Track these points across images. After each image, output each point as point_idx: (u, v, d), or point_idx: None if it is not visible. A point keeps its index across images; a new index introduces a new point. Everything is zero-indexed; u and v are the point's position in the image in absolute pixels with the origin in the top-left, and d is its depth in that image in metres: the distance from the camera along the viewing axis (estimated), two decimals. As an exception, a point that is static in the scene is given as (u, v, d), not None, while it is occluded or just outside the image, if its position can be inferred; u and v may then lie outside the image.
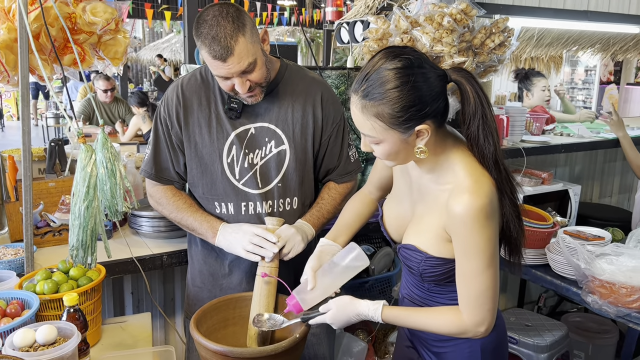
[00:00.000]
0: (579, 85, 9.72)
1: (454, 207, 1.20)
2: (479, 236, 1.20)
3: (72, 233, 1.09)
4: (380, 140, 1.20)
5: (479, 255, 1.22)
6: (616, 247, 2.13)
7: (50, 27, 1.61)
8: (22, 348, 1.21)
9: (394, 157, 1.25)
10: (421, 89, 1.15)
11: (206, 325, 1.47)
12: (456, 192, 1.21)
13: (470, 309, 1.26)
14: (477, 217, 1.18)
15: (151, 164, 1.64)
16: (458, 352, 1.39)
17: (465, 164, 1.25)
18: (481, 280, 1.24)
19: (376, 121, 1.17)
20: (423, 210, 1.33)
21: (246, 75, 1.46)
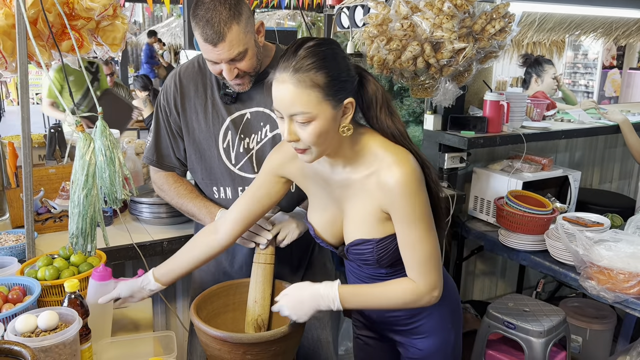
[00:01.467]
0: (581, 70, 9.66)
1: (387, 181, 1.24)
2: (416, 202, 1.25)
3: (72, 221, 1.09)
4: (313, 116, 1.19)
5: (420, 221, 1.26)
6: (615, 233, 2.14)
7: (48, 13, 1.61)
8: (24, 334, 1.22)
9: (323, 139, 1.22)
10: (345, 62, 1.24)
11: (206, 310, 1.48)
12: (384, 169, 1.26)
13: (422, 274, 1.29)
14: (411, 184, 1.24)
15: (153, 150, 1.67)
16: (430, 322, 1.46)
17: (381, 143, 1.30)
18: (426, 245, 1.28)
19: (312, 92, 1.17)
20: (352, 204, 1.35)
21: (235, 64, 1.47)
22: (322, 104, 1.19)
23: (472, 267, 3.19)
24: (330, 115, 1.21)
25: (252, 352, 1.32)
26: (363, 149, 1.30)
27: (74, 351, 1.24)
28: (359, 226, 1.34)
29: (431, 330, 1.47)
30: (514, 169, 2.65)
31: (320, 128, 1.20)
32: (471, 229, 2.68)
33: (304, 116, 1.19)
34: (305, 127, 1.20)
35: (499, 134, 2.66)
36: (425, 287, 1.29)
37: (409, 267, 1.30)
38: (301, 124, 1.20)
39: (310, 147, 1.23)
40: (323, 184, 1.39)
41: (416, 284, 1.30)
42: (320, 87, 1.18)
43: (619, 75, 9.21)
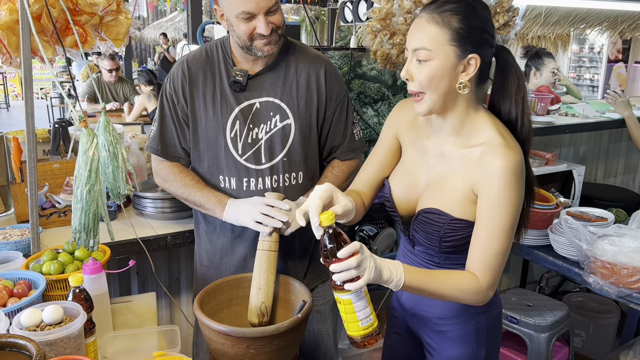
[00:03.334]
0: (586, 63, 9.60)
1: (491, 161, 1.22)
2: (512, 192, 1.21)
3: (75, 216, 1.10)
4: (433, 55, 1.19)
5: (508, 213, 1.22)
6: (618, 228, 2.13)
7: (52, 9, 1.61)
8: (29, 327, 1.23)
9: (436, 84, 1.22)
10: (485, 22, 1.23)
11: (210, 305, 1.49)
12: (492, 148, 1.23)
13: (487, 269, 1.23)
14: (515, 172, 1.21)
15: (157, 140, 1.66)
16: (464, 329, 1.40)
17: (496, 126, 1.28)
18: (503, 240, 1.23)
19: (441, 31, 1.19)
20: (443, 175, 1.32)
21: (270, 16, 1.49)
22: (446, 46, 1.19)
23: (476, 261, 3.19)
24: (450, 62, 1.21)
25: (255, 346, 1.32)
26: (474, 124, 1.29)
27: (79, 345, 1.25)
28: (440, 197, 1.31)
29: (460, 339, 1.41)
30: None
31: (435, 70, 1.20)
32: (475, 223, 2.67)
33: (424, 52, 1.20)
34: (422, 67, 1.21)
35: (502, 129, 2.65)
36: (486, 283, 1.24)
37: (476, 257, 1.24)
38: (419, 62, 1.21)
39: (423, 89, 1.23)
40: (421, 150, 1.38)
41: (478, 279, 1.24)
42: (450, 29, 1.19)
43: (625, 69, 9.16)
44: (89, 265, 1.47)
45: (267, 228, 1.50)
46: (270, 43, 1.52)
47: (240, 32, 1.51)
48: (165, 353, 1.27)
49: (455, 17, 1.20)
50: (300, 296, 1.50)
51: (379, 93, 2.57)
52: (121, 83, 5.37)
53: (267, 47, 1.53)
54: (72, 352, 1.22)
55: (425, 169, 1.37)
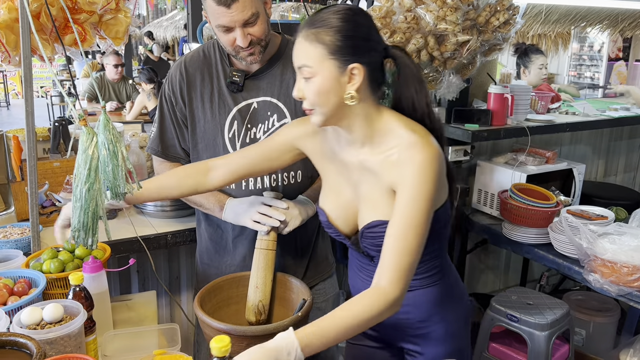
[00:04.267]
0: (586, 62, 9.59)
1: (406, 158, 1.21)
2: (426, 185, 1.19)
3: (74, 215, 1.10)
4: (315, 71, 1.20)
5: (423, 207, 1.19)
6: (619, 226, 2.13)
7: (51, 7, 1.60)
8: (29, 326, 1.24)
9: (325, 99, 1.21)
10: (362, 28, 1.23)
11: (210, 303, 1.49)
12: (406, 146, 1.22)
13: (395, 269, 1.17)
14: (431, 165, 1.19)
15: (157, 141, 1.67)
16: (445, 326, 1.41)
17: (403, 123, 1.27)
18: (414, 238, 1.18)
19: (317, 47, 1.19)
20: (370, 185, 1.30)
21: (248, 28, 1.47)
22: (325, 61, 1.19)
23: (476, 260, 3.19)
24: (332, 75, 1.20)
25: (255, 345, 1.32)
26: (383, 128, 1.27)
27: (79, 343, 1.25)
28: (375, 208, 1.30)
29: (445, 336, 1.41)
30: (518, 162, 2.65)
31: (320, 85, 1.20)
32: (475, 222, 2.67)
33: (307, 70, 1.21)
34: (309, 84, 1.22)
35: (503, 127, 2.65)
36: (392, 286, 1.17)
37: (386, 256, 1.19)
38: (306, 80, 1.22)
39: (314, 106, 1.23)
40: (340, 167, 1.36)
41: (381, 287, 1.17)
42: (326, 44, 1.19)
43: (625, 68, 9.15)
44: (89, 263, 1.47)
45: (265, 227, 1.50)
46: (253, 54, 1.52)
47: (222, 42, 1.52)
48: (166, 351, 1.27)
49: (331, 31, 1.19)
50: (300, 294, 1.50)
51: (379, 91, 2.57)
52: (124, 82, 5.37)
53: (250, 58, 1.53)
54: (73, 351, 1.22)
55: (351, 185, 1.35)
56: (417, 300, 1.38)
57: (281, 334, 1.12)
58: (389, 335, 1.48)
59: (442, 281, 1.41)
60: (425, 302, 1.39)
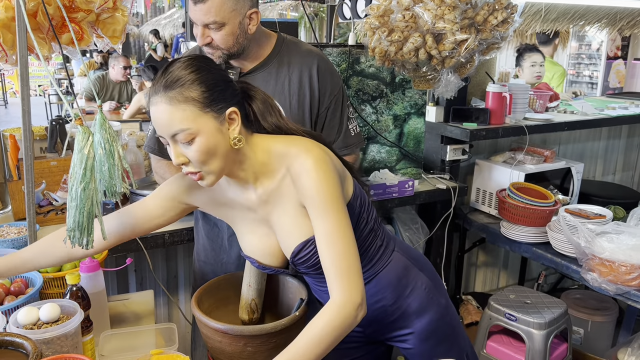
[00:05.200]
0: (585, 60, 9.59)
1: (297, 170, 1.18)
2: (327, 188, 1.16)
3: (69, 215, 1.10)
4: (194, 132, 1.12)
5: (334, 209, 1.16)
6: (617, 225, 2.13)
7: (48, 6, 1.60)
8: (26, 326, 1.23)
9: (213, 155, 1.15)
10: (220, 72, 1.20)
11: (207, 303, 1.49)
12: (292, 161, 1.19)
13: (343, 276, 1.14)
14: (320, 168, 1.17)
15: (154, 139, 1.68)
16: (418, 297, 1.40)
17: (281, 140, 1.24)
18: (343, 239, 1.16)
19: (187, 106, 1.11)
20: (278, 215, 1.26)
21: (209, 30, 1.50)
22: (201, 117, 1.12)
23: (474, 259, 3.19)
24: (213, 128, 1.14)
25: (252, 344, 1.32)
26: (267, 154, 1.23)
27: (76, 343, 1.25)
28: (292, 233, 1.26)
29: (422, 306, 1.41)
30: (516, 161, 2.65)
31: (205, 144, 1.13)
32: (473, 221, 2.67)
33: (184, 134, 1.12)
34: (189, 147, 1.13)
35: (501, 126, 2.65)
36: (345, 294, 1.14)
37: (327, 268, 1.16)
38: (185, 144, 1.13)
39: (202, 168, 1.16)
40: (243, 209, 1.31)
41: (336, 299, 1.14)
42: (195, 100, 1.12)
43: (624, 66, 9.15)
44: (85, 263, 1.46)
45: None
46: (211, 54, 1.54)
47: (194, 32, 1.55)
48: (163, 351, 1.27)
49: (193, 86, 1.13)
50: (297, 294, 1.49)
51: (377, 90, 2.57)
52: (127, 83, 5.35)
53: (212, 55, 1.55)
54: (69, 351, 1.22)
55: (262, 222, 1.31)
56: (381, 285, 1.37)
57: None
58: (374, 331, 1.47)
59: (394, 255, 1.40)
60: (388, 282, 1.38)
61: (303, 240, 1.25)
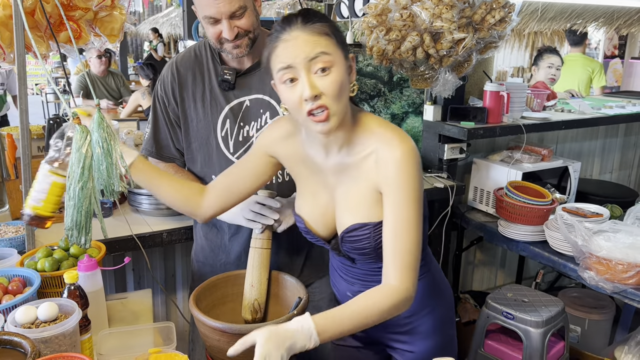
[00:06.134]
0: (582, 59, 9.60)
1: (386, 157, 1.19)
2: (411, 182, 1.19)
3: (67, 214, 1.10)
4: (333, 61, 1.14)
5: (412, 205, 1.19)
6: (614, 224, 2.14)
7: (45, 4, 1.60)
8: (24, 325, 1.23)
9: (342, 92, 1.16)
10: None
11: (205, 302, 1.49)
12: (383, 145, 1.21)
13: (404, 268, 1.18)
14: (410, 162, 1.19)
15: (152, 142, 1.67)
16: (430, 321, 1.41)
17: (380, 122, 1.26)
18: (412, 234, 1.19)
19: (327, 38, 1.15)
20: (348, 188, 1.28)
21: (234, 21, 1.46)
22: (337, 50, 1.16)
23: (472, 257, 3.20)
24: (344, 65, 1.17)
25: (251, 343, 1.32)
26: (360, 128, 1.25)
27: (74, 342, 1.25)
28: (354, 211, 1.27)
29: (433, 330, 1.41)
30: (514, 160, 2.65)
31: (340, 76, 1.14)
32: (471, 219, 2.68)
33: (325, 58, 1.13)
34: (325, 77, 1.13)
35: (499, 125, 2.65)
36: (404, 284, 1.18)
37: (389, 257, 1.20)
38: (320, 75, 1.13)
39: (333, 104, 1.14)
40: (316, 170, 1.33)
41: (392, 285, 1.18)
42: (332, 34, 1.16)
43: (621, 65, 9.17)
44: (84, 262, 1.46)
45: (259, 225, 1.50)
46: (239, 46, 1.50)
47: (209, 34, 1.52)
48: (161, 350, 1.27)
49: (327, 25, 1.17)
50: (295, 292, 1.50)
51: (375, 89, 2.57)
52: (111, 76, 5.32)
53: (236, 51, 1.51)
54: (67, 349, 1.22)
55: (327, 189, 1.33)
56: None
57: (297, 318, 1.13)
58: (376, 333, 1.47)
59: (427, 275, 1.42)
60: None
61: (361, 222, 1.26)
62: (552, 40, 7.17)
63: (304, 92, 1.12)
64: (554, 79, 3.72)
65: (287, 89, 1.16)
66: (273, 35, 1.18)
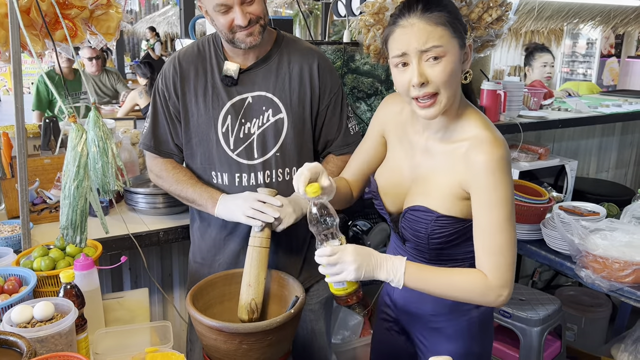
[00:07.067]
0: (579, 58, 9.63)
1: (476, 157, 1.22)
2: (502, 185, 1.21)
3: (62, 212, 1.09)
4: (445, 51, 1.18)
5: (503, 206, 1.21)
6: (610, 222, 2.14)
7: (41, 2, 1.59)
8: (20, 324, 1.22)
9: (452, 80, 1.21)
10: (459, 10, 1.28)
11: (202, 301, 1.49)
12: (476, 143, 1.23)
13: (495, 266, 1.22)
14: (501, 165, 1.21)
15: (150, 136, 1.66)
16: (456, 326, 1.41)
17: (482, 121, 1.29)
18: (505, 234, 1.22)
19: (443, 28, 1.18)
20: (429, 171, 1.32)
21: (245, 6, 1.46)
22: (452, 41, 1.19)
23: (469, 256, 3.20)
24: (458, 54, 1.21)
25: (248, 342, 1.32)
26: (462, 120, 1.29)
27: (70, 341, 1.24)
28: (425, 194, 1.31)
29: (453, 335, 1.42)
30: (511, 158, 2.65)
31: (451, 65, 1.19)
32: (468, 218, 2.68)
33: (437, 50, 1.17)
34: (435, 66, 1.18)
35: (495, 123, 2.64)
36: (495, 281, 1.21)
37: (481, 255, 1.23)
38: (432, 63, 1.18)
39: (440, 91, 1.20)
40: (407, 145, 1.39)
41: (486, 277, 1.22)
42: (449, 24, 1.19)
43: (617, 64, 9.19)
44: (80, 261, 1.46)
45: (258, 222, 1.49)
46: (252, 34, 1.50)
47: (220, 25, 1.50)
48: (157, 349, 1.27)
49: (445, 13, 1.20)
50: (293, 292, 1.50)
51: (372, 88, 2.56)
52: (106, 74, 5.29)
53: (250, 39, 1.51)
54: (64, 349, 1.21)
55: (411, 165, 1.37)
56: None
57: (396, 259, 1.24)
58: (404, 321, 1.52)
59: None
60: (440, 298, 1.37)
61: (427, 207, 1.30)
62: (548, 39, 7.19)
63: (413, 79, 1.19)
64: (550, 77, 3.72)
65: (398, 72, 1.23)
66: (393, 17, 1.24)
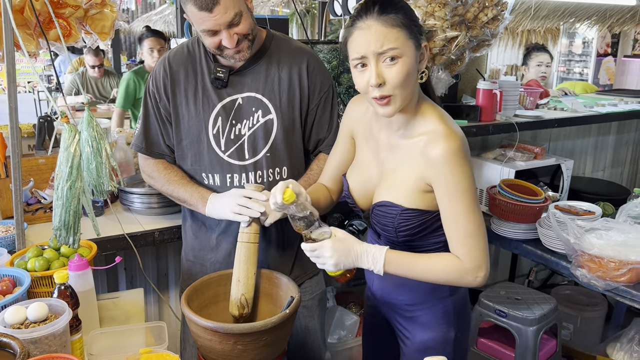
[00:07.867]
0: (575, 57, 9.65)
1: (433, 151, 1.27)
2: (461, 175, 1.26)
3: (55, 213, 1.09)
4: (400, 53, 1.23)
5: (465, 195, 1.27)
6: (606, 221, 2.14)
7: (35, 1, 1.58)
8: (13, 325, 1.22)
9: (408, 81, 1.25)
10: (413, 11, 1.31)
11: (197, 301, 1.48)
12: (433, 138, 1.29)
13: (467, 250, 1.29)
14: (458, 157, 1.26)
15: (142, 137, 1.66)
16: (432, 314, 1.46)
17: (438, 115, 1.34)
18: (471, 219, 1.28)
19: (399, 30, 1.23)
20: (393, 167, 1.38)
21: (233, 28, 1.46)
22: (407, 42, 1.24)
23: (465, 255, 3.20)
24: (414, 55, 1.25)
25: (243, 342, 1.32)
26: (420, 114, 1.34)
27: (64, 342, 1.23)
28: (391, 189, 1.36)
29: (429, 323, 1.47)
30: (507, 158, 2.65)
31: (406, 67, 1.23)
32: (464, 217, 2.68)
33: (393, 52, 1.22)
34: (391, 68, 1.23)
35: (491, 123, 2.66)
36: (469, 264, 1.28)
37: (453, 242, 1.31)
38: (388, 64, 1.23)
39: (395, 92, 1.25)
40: (373, 145, 1.44)
41: (461, 261, 1.29)
42: (404, 26, 1.23)
43: (614, 63, 9.21)
44: (74, 261, 1.45)
45: (245, 218, 1.49)
46: (240, 51, 1.51)
47: (208, 44, 1.51)
48: (152, 350, 1.26)
49: (401, 14, 1.24)
50: (287, 291, 1.49)
51: (368, 87, 2.56)
52: (107, 77, 5.29)
53: (239, 55, 1.52)
54: (58, 350, 1.20)
55: (377, 162, 1.43)
56: (409, 284, 1.43)
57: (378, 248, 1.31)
58: (385, 312, 1.57)
59: None
60: (416, 287, 1.44)
61: (393, 202, 1.35)
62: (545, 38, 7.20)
63: (371, 80, 1.24)
64: (545, 77, 3.73)
65: (357, 73, 1.28)
66: (351, 19, 1.29)
